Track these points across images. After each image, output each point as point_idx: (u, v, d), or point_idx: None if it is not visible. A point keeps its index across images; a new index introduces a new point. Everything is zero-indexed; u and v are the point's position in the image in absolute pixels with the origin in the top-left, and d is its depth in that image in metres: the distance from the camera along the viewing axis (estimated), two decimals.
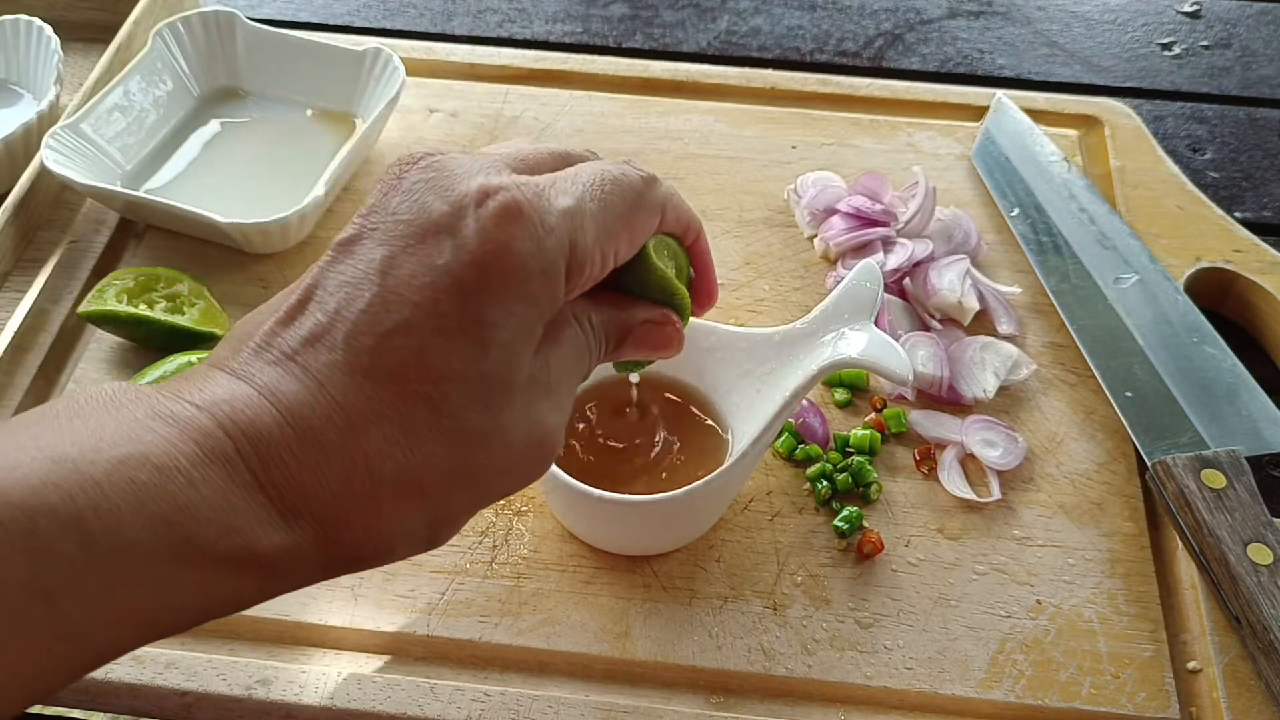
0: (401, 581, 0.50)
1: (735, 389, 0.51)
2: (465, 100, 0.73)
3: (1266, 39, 0.83)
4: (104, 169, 0.64)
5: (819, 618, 0.49)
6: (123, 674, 0.47)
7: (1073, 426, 0.57)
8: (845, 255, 0.63)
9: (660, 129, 0.71)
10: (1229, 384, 0.56)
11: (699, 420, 0.52)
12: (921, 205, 0.63)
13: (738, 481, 0.50)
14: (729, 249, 0.64)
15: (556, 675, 0.48)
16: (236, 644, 0.48)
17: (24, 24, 0.71)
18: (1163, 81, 0.80)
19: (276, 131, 0.69)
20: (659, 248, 0.41)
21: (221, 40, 0.69)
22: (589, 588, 0.50)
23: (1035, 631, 0.49)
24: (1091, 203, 0.64)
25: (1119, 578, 0.51)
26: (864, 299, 0.48)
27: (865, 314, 0.48)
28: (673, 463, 0.51)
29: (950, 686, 0.48)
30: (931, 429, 0.56)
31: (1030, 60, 0.81)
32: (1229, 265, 0.63)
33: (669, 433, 0.52)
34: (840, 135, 0.71)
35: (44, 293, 0.61)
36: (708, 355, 0.52)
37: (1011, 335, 0.60)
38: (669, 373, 0.53)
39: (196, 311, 0.58)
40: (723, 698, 0.47)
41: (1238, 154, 0.74)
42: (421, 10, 0.84)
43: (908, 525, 0.53)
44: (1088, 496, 0.54)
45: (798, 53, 0.81)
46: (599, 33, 0.82)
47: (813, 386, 0.48)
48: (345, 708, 0.46)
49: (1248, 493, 0.50)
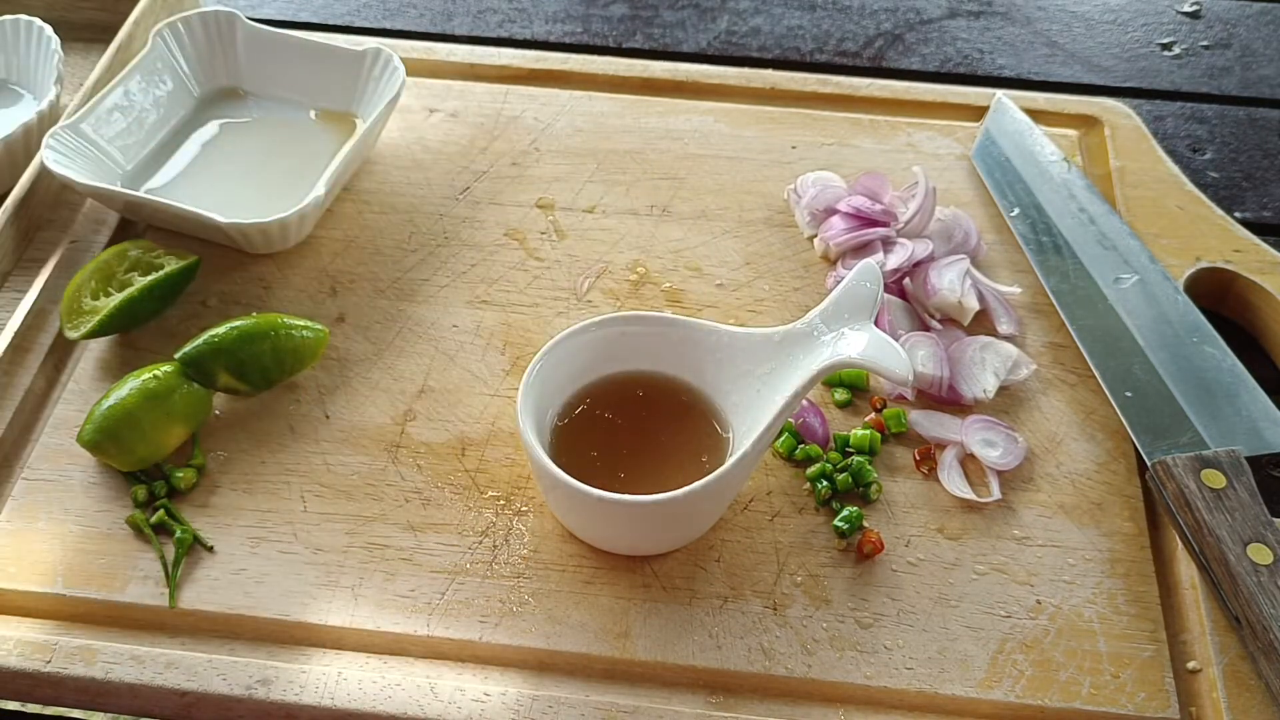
0: (401, 581, 0.50)
1: (735, 389, 0.51)
2: (465, 100, 0.73)
3: (1266, 39, 0.83)
4: (104, 169, 0.64)
5: (819, 618, 0.49)
6: (123, 674, 0.47)
7: (1073, 426, 0.57)
8: (845, 255, 0.63)
9: (660, 129, 0.71)
10: (1229, 384, 0.56)
11: (699, 420, 0.52)
12: (921, 205, 0.63)
13: (738, 481, 0.50)
14: (729, 249, 0.64)
15: (556, 675, 0.48)
16: (236, 644, 0.48)
17: (24, 24, 0.71)
18: (1163, 81, 0.80)
19: (276, 131, 0.69)
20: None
21: (222, 40, 0.69)
22: (589, 588, 0.50)
23: (1035, 631, 0.49)
24: (1091, 203, 0.64)
25: (1119, 578, 0.51)
26: (864, 299, 0.48)
27: (865, 314, 0.48)
28: (673, 463, 0.51)
29: (950, 686, 0.48)
30: (931, 429, 0.56)
31: (1030, 60, 0.81)
32: (1229, 265, 0.63)
33: (669, 433, 0.52)
34: (840, 135, 0.71)
35: (44, 293, 0.61)
36: (708, 355, 0.52)
37: (1011, 335, 0.60)
38: (669, 372, 0.53)
39: (172, 260, 0.59)
40: (723, 698, 0.47)
41: (1238, 154, 0.74)
42: (421, 10, 0.84)
43: (908, 525, 0.53)
44: (1088, 496, 0.54)
45: (798, 53, 0.81)
46: (599, 33, 0.82)
47: (813, 387, 0.48)
48: (345, 708, 0.46)
49: (1248, 493, 0.50)
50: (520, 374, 0.55)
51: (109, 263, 0.59)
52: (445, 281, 0.62)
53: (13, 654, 0.47)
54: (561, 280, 0.63)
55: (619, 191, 0.67)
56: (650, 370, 0.53)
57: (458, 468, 0.54)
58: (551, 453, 0.49)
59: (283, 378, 0.56)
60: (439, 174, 0.68)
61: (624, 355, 0.53)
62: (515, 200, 0.67)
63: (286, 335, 0.56)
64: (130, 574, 0.50)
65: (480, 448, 0.55)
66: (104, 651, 0.47)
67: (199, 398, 0.54)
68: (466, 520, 0.52)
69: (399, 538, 0.52)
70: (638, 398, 0.53)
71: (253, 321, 0.55)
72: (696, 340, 0.52)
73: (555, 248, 0.64)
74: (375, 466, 0.54)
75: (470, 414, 0.56)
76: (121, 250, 0.60)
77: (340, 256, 0.64)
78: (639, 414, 0.52)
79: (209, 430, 0.56)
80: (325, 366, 0.58)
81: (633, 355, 0.53)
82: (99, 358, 0.59)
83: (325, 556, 0.51)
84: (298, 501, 0.53)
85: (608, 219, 0.66)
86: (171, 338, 0.59)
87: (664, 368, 0.53)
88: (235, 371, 0.55)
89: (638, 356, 0.53)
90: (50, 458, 0.55)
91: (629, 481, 0.50)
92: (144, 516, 0.52)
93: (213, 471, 0.54)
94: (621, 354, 0.53)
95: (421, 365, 0.59)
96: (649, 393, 0.53)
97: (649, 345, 0.53)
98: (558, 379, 0.52)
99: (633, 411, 0.52)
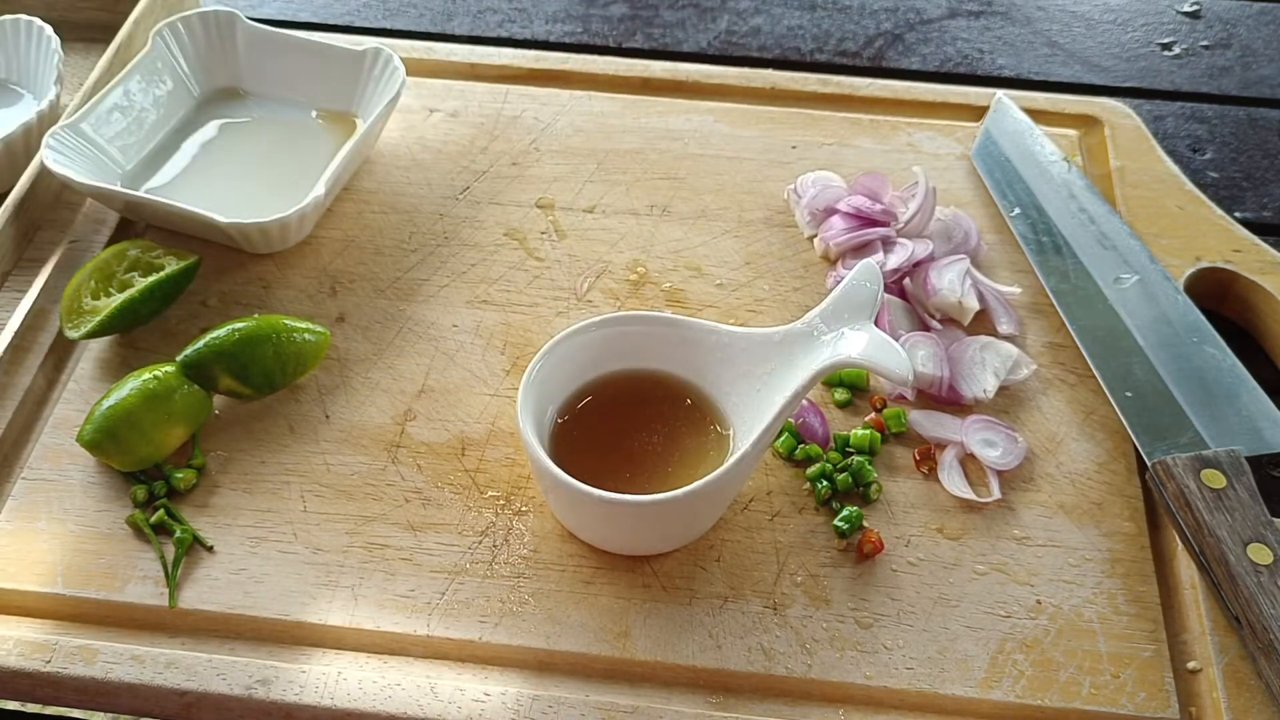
0: (401, 581, 0.50)
1: (735, 389, 0.51)
2: (465, 100, 0.73)
3: (1266, 39, 0.83)
4: (104, 169, 0.64)
5: (819, 618, 0.49)
6: (123, 674, 0.47)
7: (1073, 426, 0.57)
8: (845, 255, 0.63)
9: (660, 129, 0.71)
10: (1229, 384, 0.56)
11: (699, 420, 0.52)
12: (921, 205, 0.63)
13: (738, 481, 0.50)
14: (729, 249, 0.64)
15: (556, 675, 0.48)
16: (236, 644, 0.48)
17: (24, 24, 0.71)
18: (1163, 81, 0.80)
19: (276, 131, 0.69)
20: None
21: (221, 40, 0.69)
22: (589, 588, 0.50)
23: (1035, 631, 0.49)
24: (1091, 203, 0.64)
25: (1119, 578, 0.51)
26: (864, 299, 0.48)
27: (865, 314, 0.48)
28: (673, 462, 0.51)
29: (950, 686, 0.48)
30: (931, 429, 0.56)
31: (1030, 60, 0.81)
32: (1229, 265, 0.63)
33: (669, 433, 0.52)
34: (840, 135, 0.71)
35: (44, 293, 0.61)
36: (708, 355, 0.52)
37: (1011, 335, 0.60)
38: (669, 371, 0.53)
39: (171, 260, 0.59)
40: (723, 698, 0.47)
41: (1238, 154, 0.74)
42: (421, 10, 0.84)
43: (908, 525, 0.53)
44: (1088, 496, 0.54)
45: (798, 53, 0.81)
46: (599, 33, 0.82)
47: (813, 386, 0.48)
48: (345, 708, 0.46)
49: (1247, 493, 0.50)
50: (520, 374, 0.55)
51: (109, 263, 0.59)
52: (445, 281, 0.62)
53: (13, 654, 0.47)
54: (561, 280, 0.63)
55: (619, 191, 0.67)
56: (650, 370, 0.53)
57: (458, 468, 0.54)
58: (551, 452, 0.49)
59: (285, 382, 0.56)
60: (439, 174, 0.68)
61: (624, 355, 0.53)
62: (515, 200, 0.67)
63: (288, 339, 0.55)
64: (130, 574, 0.50)
65: (480, 447, 0.55)
66: (104, 651, 0.47)
67: (199, 398, 0.54)
68: (466, 520, 0.52)
69: (399, 538, 0.52)
70: (638, 398, 0.53)
71: (254, 324, 0.55)
72: (696, 340, 0.52)
73: (555, 248, 0.64)
74: (375, 466, 0.54)
75: (470, 414, 0.56)
76: (121, 250, 0.60)
77: (340, 256, 0.64)
78: (639, 414, 0.52)
79: (209, 430, 0.56)
80: (325, 366, 0.58)
81: (633, 355, 0.53)
82: (99, 358, 0.59)
83: (325, 556, 0.51)
84: (298, 501, 0.53)
85: (608, 219, 0.66)
86: (171, 338, 0.59)
87: (664, 367, 0.53)
88: (237, 375, 0.54)
89: (638, 356, 0.53)
90: (50, 458, 0.55)
91: (629, 481, 0.50)
92: (144, 516, 0.52)
93: (213, 472, 0.54)
94: (621, 354, 0.53)
95: (421, 365, 0.59)
96: (649, 393, 0.53)
97: (649, 345, 0.53)
98: (558, 379, 0.52)
99: (633, 412, 0.52)
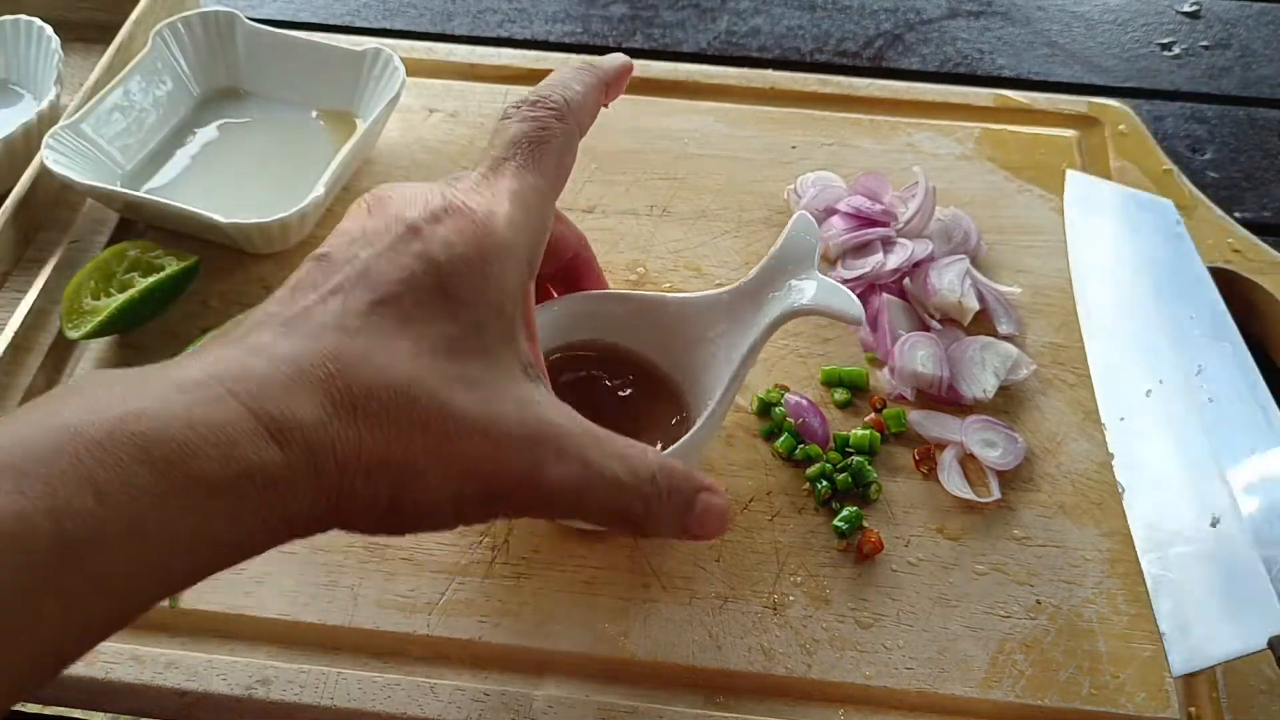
0: (401, 581, 0.50)
1: (690, 354, 0.52)
2: (465, 100, 0.73)
3: (1266, 39, 0.83)
4: (104, 169, 0.64)
5: (819, 618, 0.49)
6: (123, 674, 0.47)
7: (1073, 426, 0.57)
8: (845, 255, 0.63)
9: (660, 129, 0.71)
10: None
11: (660, 389, 0.52)
12: (921, 205, 0.63)
13: (702, 448, 0.50)
14: (729, 249, 0.64)
15: (556, 675, 0.48)
16: (236, 644, 0.48)
17: (24, 24, 0.71)
18: (1162, 81, 0.80)
19: (277, 131, 0.69)
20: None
21: (222, 40, 0.69)
22: (589, 588, 0.50)
23: (1035, 631, 0.49)
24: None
25: (1119, 578, 0.51)
26: (805, 250, 0.49)
27: (809, 264, 0.48)
28: (641, 435, 0.51)
29: (950, 686, 0.48)
30: (931, 429, 0.56)
31: (1030, 60, 0.81)
32: (1229, 265, 0.63)
33: (633, 405, 0.52)
34: (840, 135, 0.71)
35: (44, 293, 0.61)
36: (661, 326, 0.52)
37: (1011, 335, 0.60)
38: (629, 346, 0.53)
39: (171, 260, 0.59)
40: (723, 698, 0.47)
41: (1238, 154, 0.74)
42: (421, 10, 0.84)
43: (908, 525, 0.53)
44: (1088, 496, 0.54)
45: (798, 53, 0.81)
46: (599, 33, 0.82)
47: (766, 341, 0.48)
48: (345, 708, 0.46)
49: None
50: None
51: (109, 263, 0.59)
52: None
53: None
54: None
55: (618, 191, 0.67)
56: (608, 343, 0.53)
57: None
58: None
59: None
60: (439, 174, 0.67)
61: (580, 334, 0.53)
62: None
63: None
64: None
65: None
66: (104, 651, 0.47)
67: None
68: None
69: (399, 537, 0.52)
70: (599, 374, 0.53)
71: None
72: (646, 311, 0.52)
73: None
74: None
75: None
76: (121, 250, 0.60)
77: None
78: (602, 390, 0.52)
79: None
80: None
81: (589, 333, 0.53)
82: (99, 358, 0.59)
83: (325, 556, 0.51)
84: None
85: (607, 219, 0.66)
86: (172, 338, 0.59)
87: (624, 340, 0.53)
88: None
89: (594, 334, 0.53)
90: None
91: None
92: None
93: None
94: (577, 333, 0.53)
95: None
96: (610, 369, 0.53)
97: (603, 323, 0.53)
98: None
99: (595, 387, 0.52)
